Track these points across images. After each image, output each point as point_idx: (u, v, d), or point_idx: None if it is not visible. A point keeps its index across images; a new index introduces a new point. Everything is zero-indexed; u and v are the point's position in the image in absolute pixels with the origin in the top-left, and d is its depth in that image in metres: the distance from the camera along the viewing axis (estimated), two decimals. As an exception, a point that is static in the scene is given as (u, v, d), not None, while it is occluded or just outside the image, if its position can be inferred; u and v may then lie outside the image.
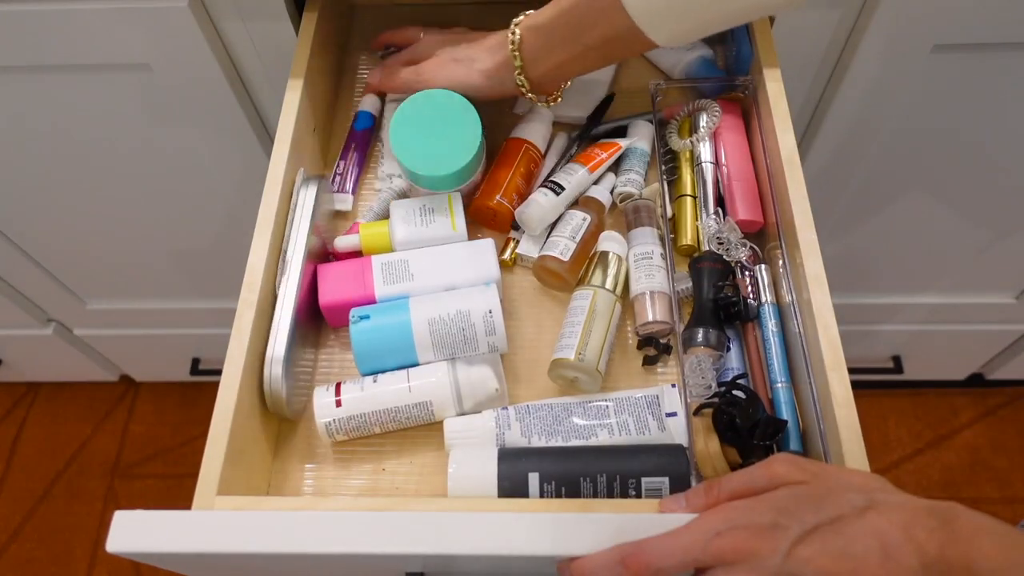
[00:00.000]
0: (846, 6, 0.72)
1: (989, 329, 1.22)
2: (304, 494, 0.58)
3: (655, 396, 0.58)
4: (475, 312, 0.58)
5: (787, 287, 0.59)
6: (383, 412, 0.58)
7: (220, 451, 0.51)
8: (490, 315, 0.58)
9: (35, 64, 0.77)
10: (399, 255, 0.64)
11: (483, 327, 0.58)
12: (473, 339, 0.58)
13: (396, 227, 0.65)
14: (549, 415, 0.58)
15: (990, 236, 1.02)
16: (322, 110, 0.75)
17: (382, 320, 0.59)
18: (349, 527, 0.44)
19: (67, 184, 0.94)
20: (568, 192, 0.67)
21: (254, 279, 0.58)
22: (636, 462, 0.53)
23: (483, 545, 0.43)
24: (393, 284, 0.62)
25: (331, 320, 0.64)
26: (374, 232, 0.66)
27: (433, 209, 0.66)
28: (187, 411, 1.49)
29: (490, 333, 0.58)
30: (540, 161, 0.71)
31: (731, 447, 0.54)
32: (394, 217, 0.66)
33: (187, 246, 1.07)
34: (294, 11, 0.73)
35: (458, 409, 0.59)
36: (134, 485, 1.41)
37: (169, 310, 1.22)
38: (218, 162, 0.90)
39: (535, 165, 0.71)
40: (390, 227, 0.65)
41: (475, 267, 0.63)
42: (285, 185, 0.63)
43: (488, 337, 0.58)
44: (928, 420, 1.42)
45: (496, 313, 0.58)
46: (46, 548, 1.36)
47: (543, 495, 0.52)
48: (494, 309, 0.58)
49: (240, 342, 0.55)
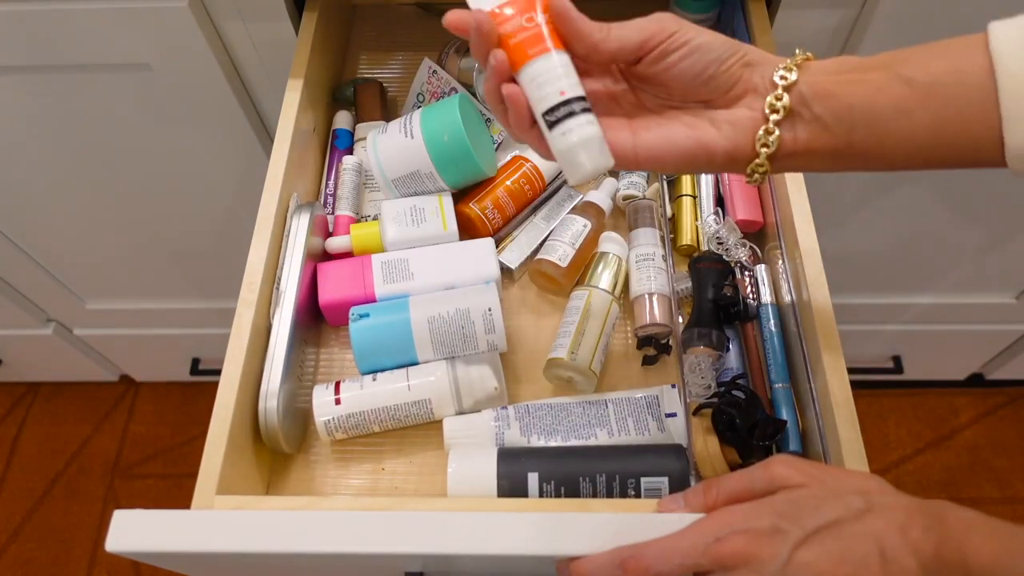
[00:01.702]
0: (846, 6, 0.72)
1: (989, 329, 1.22)
2: (303, 494, 0.58)
3: (655, 396, 0.58)
4: (475, 310, 0.58)
5: (787, 287, 0.59)
6: (382, 410, 0.58)
7: (219, 450, 0.51)
8: (489, 313, 0.58)
9: (35, 64, 0.77)
10: (399, 254, 0.64)
11: (483, 325, 0.58)
12: (473, 337, 0.58)
13: (387, 227, 0.65)
14: (549, 415, 0.58)
15: (990, 236, 1.02)
16: (322, 110, 0.75)
17: (382, 318, 0.59)
18: (348, 527, 0.44)
19: (67, 184, 0.94)
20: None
21: (254, 279, 0.58)
22: (635, 462, 0.53)
23: (482, 545, 0.43)
24: (393, 283, 0.62)
25: (331, 319, 0.64)
26: (365, 233, 0.65)
27: (424, 209, 0.65)
28: (187, 411, 1.49)
29: (490, 331, 0.58)
30: (540, 183, 0.70)
31: (731, 447, 0.54)
32: (385, 217, 0.65)
33: (187, 246, 1.07)
34: (294, 11, 0.73)
35: (457, 408, 0.59)
36: (134, 485, 1.41)
37: (169, 310, 1.22)
38: (218, 162, 0.90)
39: (530, 185, 0.69)
40: (381, 227, 0.65)
41: (475, 266, 0.62)
42: (285, 185, 0.63)
43: (488, 335, 0.58)
44: (928, 420, 1.41)
45: (496, 311, 0.58)
46: (46, 548, 1.36)
47: (542, 495, 0.52)
48: (493, 307, 0.58)
49: (240, 342, 0.55)
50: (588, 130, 0.41)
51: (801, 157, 0.43)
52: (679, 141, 0.43)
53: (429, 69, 0.75)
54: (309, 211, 0.62)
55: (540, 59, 0.42)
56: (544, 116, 0.42)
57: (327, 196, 0.71)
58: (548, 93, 0.41)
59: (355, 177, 0.70)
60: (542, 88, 0.42)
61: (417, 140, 0.64)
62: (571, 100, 0.41)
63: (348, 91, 0.77)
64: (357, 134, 0.74)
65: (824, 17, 0.74)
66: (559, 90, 0.41)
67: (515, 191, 0.68)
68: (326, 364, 0.65)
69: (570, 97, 0.41)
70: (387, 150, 0.66)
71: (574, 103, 0.41)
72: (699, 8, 0.79)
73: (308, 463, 0.60)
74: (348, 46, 0.83)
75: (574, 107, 0.41)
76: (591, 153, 0.42)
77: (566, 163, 0.42)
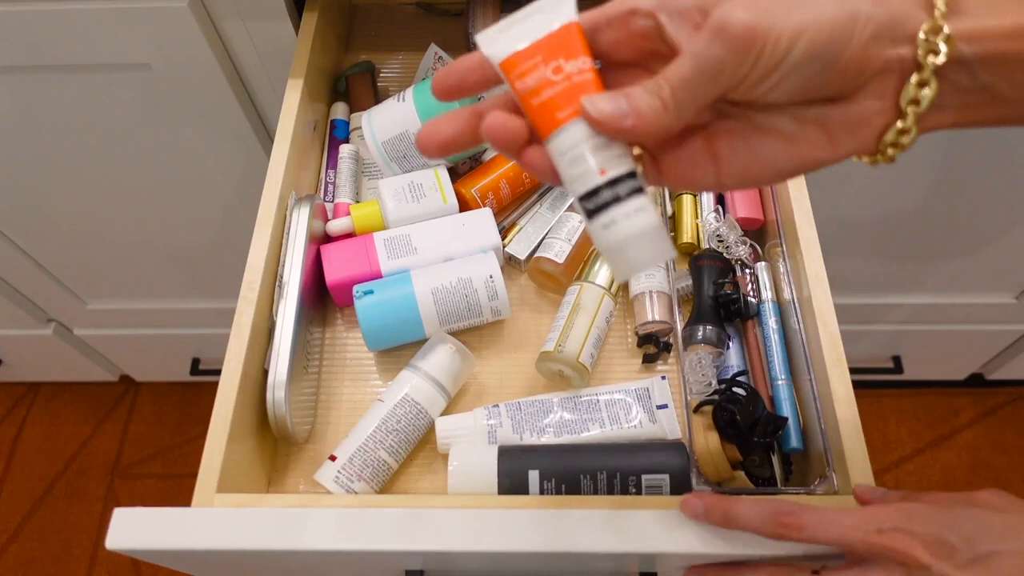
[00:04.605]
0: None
1: (989, 329, 1.22)
2: (303, 492, 0.58)
3: (645, 389, 0.59)
4: (476, 279, 0.59)
5: (787, 284, 0.59)
6: (377, 432, 0.56)
7: (220, 449, 0.51)
8: (491, 280, 0.59)
9: (35, 64, 0.77)
10: (401, 230, 0.64)
11: (485, 292, 0.59)
12: (477, 305, 0.59)
13: (388, 204, 0.66)
14: (540, 411, 0.58)
15: (990, 235, 1.02)
16: (322, 110, 0.75)
17: (386, 294, 0.60)
18: (349, 525, 0.45)
19: (67, 184, 0.94)
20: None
21: (254, 278, 0.58)
22: (636, 459, 0.53)
23: (483, 542, 0.43)
24: (398, 259, 0.63)
25: (338, 299, 0.64)
26: (366, 212, 0.66)
27: (422, 184, 0.66)
28: (187, 411, 1.49)
29: (492, 298, 0.59)
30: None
31: (731, 444, 0.54)
32: (384, 195, 0.66)
33: (187, 245, 1.07)
34: (294, 11, 0.73)
35: (443, 394, 0.58)
36: (134, 485, 1.41)
37: (169, 310, 1.22)
38: (218, 161, 0.90)
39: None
40: (381, 205, 0.66)
41: (476, 236, 0.63)
42: (285, 184, 0.63)
43: (491, 302, 0.59)
44: (928, 420, 1.42)
45: (497, 278, 0.59)
46: (46, 548, 1.36)
47: (543, 492, 0.52)
48: (495, 274, 0.59)
49: (240, 341, 0.55)
50: (640, 221, 0.32)
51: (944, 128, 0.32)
52: (777, 162, 0.32)
53: (435, 55, 0.76)
54: (309, 202, 0.63)
55: (571, 126, 0.32)
56: (581, 202, 0.32)
57: (327, 185, 0.72)
58: (584, 172, 0.32)
59: (352, 165, 0.71)
60: (576, 165, 0.32)
61: (408, 103, 0.66)
62: (616, 181, 0.32)
63: (341, 85, 0.78)
64: (352, 124, 0.75)
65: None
66: (598, 167, 0.32)
67: (513, 178, 0.68)
68: (330, 345, 0.65)
69: (614, 176, 0.32)
70: (380, 115, 0.68)
71: (620, 184, 0.32)
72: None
73: (309, 461, 0.60)
74: (348, 46, 0.83)
75: (619, 190, 0.32)
76: (644, 249, 0.32)
77: (614, 260, 0.33)
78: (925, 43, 0.29)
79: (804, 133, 0.31)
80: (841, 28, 0.29)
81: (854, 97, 0.31)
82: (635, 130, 0.30)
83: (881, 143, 0.31)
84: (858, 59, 0.29)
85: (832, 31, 0.29)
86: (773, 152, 0.32)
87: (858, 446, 0.50)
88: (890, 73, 0.30)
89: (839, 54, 0.29)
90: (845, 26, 0.29)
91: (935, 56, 0.29)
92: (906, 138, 0.31)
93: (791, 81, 0.29)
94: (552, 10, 0.33)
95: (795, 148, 0.31)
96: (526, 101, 0.32)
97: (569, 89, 0.32)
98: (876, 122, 0.31)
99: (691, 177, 0.33)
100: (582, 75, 0.32)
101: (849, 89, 0.30)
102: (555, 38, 0.32)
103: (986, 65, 0.29)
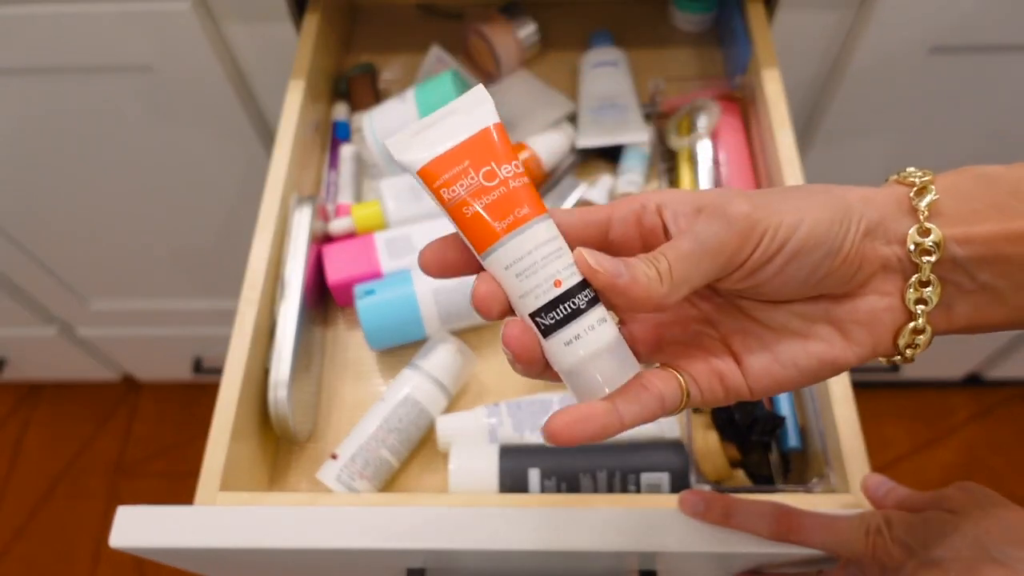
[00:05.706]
0: (845, 7, 0.73)
1: (988, 328, 1.22)
2: (306, 490, 0.59)
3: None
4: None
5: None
6: (379, 431, 0.56)
7: (222, 448, 0.51)
8: None
9: (38, 65, 0.77)
10: (401, 230, 0.65)
11: None
12: None
13: (389, 205, 0.66)
14: (540, 409, 0.58)
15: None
16: (323, 111, 0.76)
17: (387, 294, 0.60)
18: (351, 523, 0.45)
19: (70, 184, 0.95)
20: None
21: (256, 277, 0.58)
22: (636, 458, 0.54)
23: (484, 540, 0.44)
24: (399, 258, 0.63)
25: (339, 299, 0.65)
26: (367, 212, 0.67)
27: None
28: (189, 410, 1.49)
29: None
30: (539, 174, 0.70)
31: (730, 442, 0.54)
32: (385, 195, 0.67)
33: (189, 245, 1.07)
34: (295, 12, 0.74)
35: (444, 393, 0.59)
36: (137, 484, 1.41)
37: (171, 310, 1.22)
38: (219, 162, 0.91)
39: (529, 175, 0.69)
40: (382, 205, 0.66)
41: None
42: (286, 185, 0.63)
43: None
44: (925, 419, 1.42)
45: None
46: (49, 547, 1.36)
47: (544, 490, 0.53)
48: None
49: (242, 341, 0.56)
50: (604, 334, 0.29)
51: (961, 330, 0.32)
52: (799, 361, 0.31)
53: (437, 57, 0.77)
54: (310, 203, 0.63)
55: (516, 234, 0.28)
56: (535, 319, 0.28)
57: (328, 185, 0.72)
58: (535, 286, 0.28)
59: (353, 166, 0.72)
60: (526, 278, 0.28)
61: (409, 104, 0.67)
62: (573, 291, 0.28)
63: (342, 86, 0.78)
64: (352, 124, 0.75)
65: (823, 17, 0.74)
66: (552, 278, 0.28)
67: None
68: (332, 345, 0.65)
69: (571, 287, 0.28)
70: (382, 115, 0.69)
71: (578, 295, 0.28)
72: (698, 8, 0.80)
73: (311, 460, 0.60)
74: (349, 47, 0.84)
75: (578, 301, 0.28)
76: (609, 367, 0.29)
77: (580, 380, 0.29)
78: (917, 246, 0.30)
79: (816, 331, 0.31)
80: (840, 219, 0.29)
81: (860, 294, 0.31)
82: (628, 291, 0.28)
83: (898, 344, 0.31)
84: (858, 252, 0.30)
85: (831, 220, 0.29)
86: (792, 351, 0.31)
87: (856, 445, 0.50)
88: (891, 271, 0.31)
89: (840, 243, 0.29)
90: (843, 218, 0.29)
91: (929, 256, 0.30)
92: (922, 338, 0.31)
93: (795, 270, 0.29)
94: (469, 111, 0.30)
95: (811, 346, 0.31)
96: (455, 212, 0.29)
97: (508, 195, 0.28)
98: (887, 319, 0.31)
99: (730, 388, 0.31)
100: (518, 179, 0.29)
101: (854, 285, 0.31)
102: (479, 140, 0.29)
103: (982, 266, 0.30)
